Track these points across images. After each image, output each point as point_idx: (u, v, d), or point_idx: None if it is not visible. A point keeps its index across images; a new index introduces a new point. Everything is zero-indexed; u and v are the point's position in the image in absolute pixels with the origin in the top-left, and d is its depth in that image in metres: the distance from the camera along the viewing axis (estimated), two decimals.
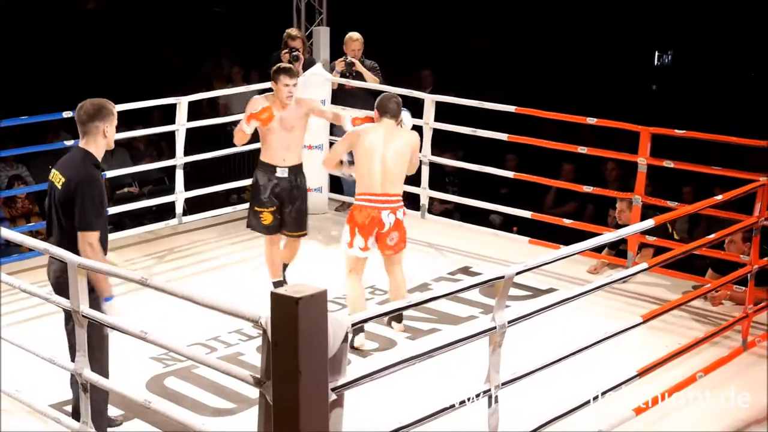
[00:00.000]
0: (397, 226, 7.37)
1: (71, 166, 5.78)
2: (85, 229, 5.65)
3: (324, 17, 11.77)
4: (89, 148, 5.81)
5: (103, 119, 5.82)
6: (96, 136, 5.82)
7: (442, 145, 10.77)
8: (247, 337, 7.41)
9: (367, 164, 7.32)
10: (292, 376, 4.07)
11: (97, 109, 5.83)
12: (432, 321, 7.71)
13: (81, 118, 5.83)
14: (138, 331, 5.22)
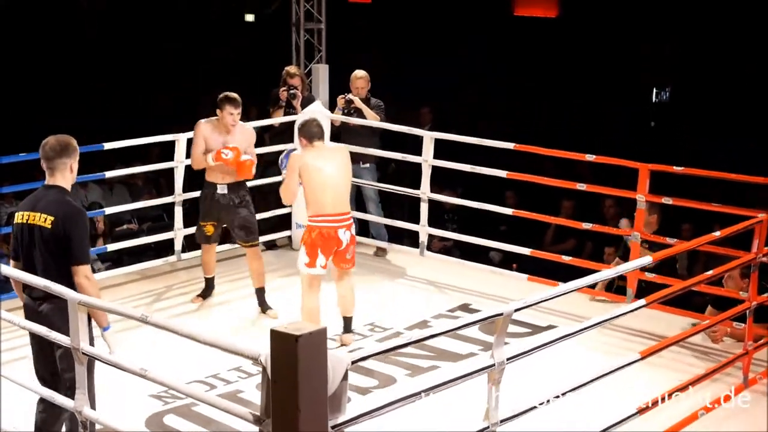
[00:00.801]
0: (352, 241, 7.85)
1: (55, 204, 5.79)
2: (82, 263, 5.73)
3: (323, 54, 11.83)
4: (61, 184, 5.88)
5: (70, 155, 5.92)
6: (64, 171, 5.89)
7: (441, 182, 10.79)
8: (246, 375, 7.40)
9: (316, 188, 7.72)
10: (292, 414, 4.07)
11: (64, 146, 5.91)
12: (431, 358, 7.70)
13: (47, 155, 5.88)
14: (138, 368, 5.22)
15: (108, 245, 10.28)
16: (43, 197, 5.88)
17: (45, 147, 5.90)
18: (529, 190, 11.11)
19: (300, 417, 4.05)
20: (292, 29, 11.98)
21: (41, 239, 5.78)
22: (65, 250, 5.73)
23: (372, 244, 10.44)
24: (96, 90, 19.82)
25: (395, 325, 8.42)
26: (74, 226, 5.74)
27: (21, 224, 5.87)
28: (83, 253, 5.75)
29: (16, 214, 5.96)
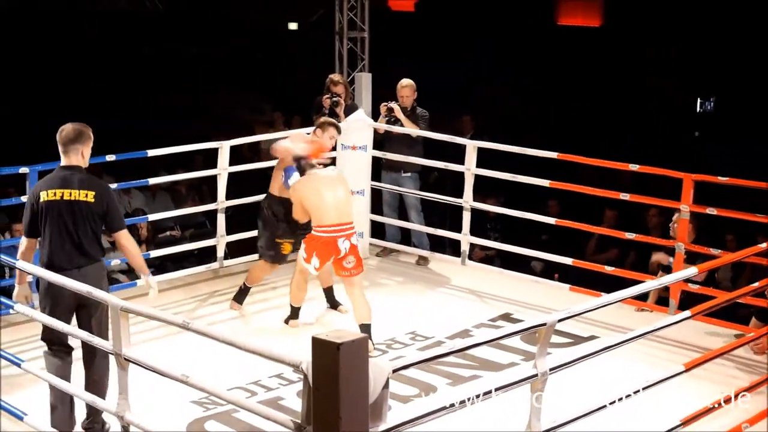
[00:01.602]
0: (352, 250, 8.04)
1: (90, 181, 6.46)
2: (122, 228, 6.52)
3: (366, 63, 11.85)
4: (79, 165, 6.50)
5: (83, 143, 6.50)
6: (77, 155, 6.48)
7: (483, 191, 10.76)
8: (287, 382, 7.40)
9: (318, 199, 8.04)
10: (333, 422, 4.07)
11: (78, 133, 6.49)
12: (473, 368, 7.67)
13: (63, 140, 6.48)
14: (179, 374, 5.23)
15: (151, 251, 10.33)
16: (71, 177, 6.43)
17: (62, 133, 6.50)
18: (571, 200, 11.06)
19: (341, 424, 4.05)
20: (336, 38, 12.00)
21: (82, 213, 6.37)
22: (106, 220, 6.44)
23: (414, 252, 10.43)
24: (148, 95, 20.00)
25: (437, 334, 8.40)
26: (111, 199, 6.48)
27: (51, 201, 6.38)
28: (122, 220, 6.54)
29: (42, 193, 6.42)
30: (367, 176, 10.30)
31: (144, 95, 20.02)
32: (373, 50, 11.91)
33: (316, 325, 8.55)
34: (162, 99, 19.77)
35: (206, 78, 20.92)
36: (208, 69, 21.56)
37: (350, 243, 8.03)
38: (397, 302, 9.26)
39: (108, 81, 20.06)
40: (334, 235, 8.00)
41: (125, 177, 12.02)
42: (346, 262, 8.04)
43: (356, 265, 8.08)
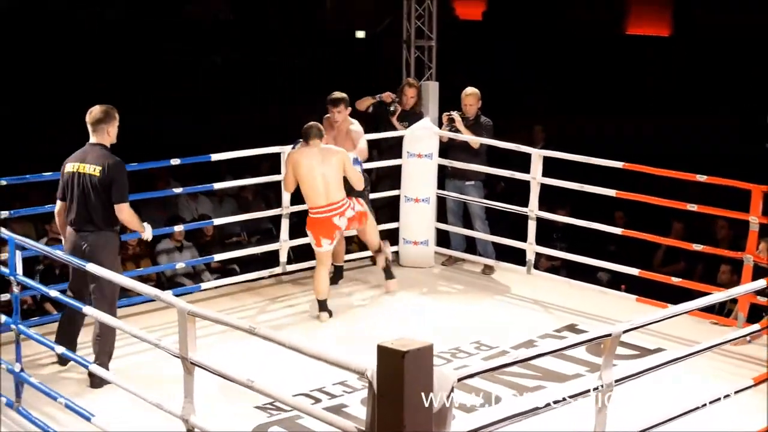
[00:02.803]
0: (350, 221, 8.79)
1: (101, 157, 7.22)
2: (123, 201, 7.21)
3: (433, 72, 11.83)
4: (103, 142, 7.30)
5: (108, 122, 7.31)
6: (103, 134, 7.29)
7: (550, 200, 10.71)
8: (351, 389, 7.41)
9: (309, 181, 8.59)
10: (397, 430, 4.07)
11: (104, 114, 7.31)
12: (537, 378, 7.62)
13: (92, 120, 7.31)
14: (245, 379, 5.26)
15: (216, 255, 10.40)
16: (90, 152, 7.28)
17: (90, 113, 7.32)
18: (638, 210, 10.97)
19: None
20: (403, 46, 12.00)
21: (91, 185, 7.19)
22: (110, 192, 7.16)
23: (479, 261, 10.40)
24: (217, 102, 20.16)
25: (501, 343, 8.37)
26: (117, 173, 7.19)
27: (72, 173, 7.28)
28: (123, 195, 7.20)
29: (67, 165, 7.33)
30: (432, 184, 10.30)
31: (213, 103, 20.19)
32: (441, 58, 11.89)
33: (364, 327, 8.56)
34: (230, 106, 19.93)
35: (274, 85, 21.05)
36: (276, 76, 21.71)
37: (346, 218, 8.73)
38: (461, 311, 9.25)
39: (179, 89, 20.27)
40: (328, 215, 8.63)
41: (192, 182, 12.15)
42: (352, 227, 8.94)
43: (361, 222, 8.93)
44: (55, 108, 18.73)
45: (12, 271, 6.85)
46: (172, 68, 21.76)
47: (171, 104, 19.22)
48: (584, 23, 20.22)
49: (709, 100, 17.04)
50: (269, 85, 21.25)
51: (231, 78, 21.69)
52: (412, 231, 10.36)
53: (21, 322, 6.95)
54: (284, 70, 22.43)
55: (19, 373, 6.84)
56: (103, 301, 7.15)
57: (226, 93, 20.72)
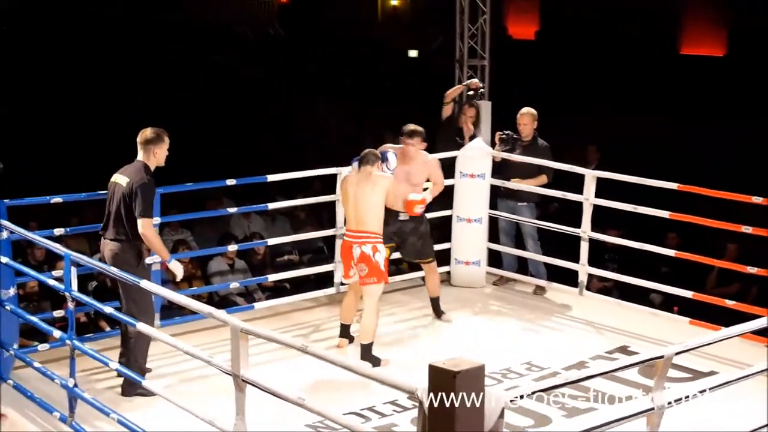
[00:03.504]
0: (363, 258, 8.29)
1: (133, 172, 7.54)
2: (143, 216, 7.39)
3: (486, 91, 11.84)
4: (145, 161, 7.59)
5: (156, 144, 7.59)
6: (149, 154, 7.59)
7: (602, 221, 10.66)
8: (402, 409, 7.40)
9: (346, 206, 8.52)
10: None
11: (153, 137, 7.59)
12: (588, 399, 7.58)
13: (141, 140, 7.61)
14: (296, 397, 5.28)
15: (269, 275, 10.46)
16: (129, 167, 7.62)
17: (141, 135, 7.62)
18: (692, 231, 10.88)
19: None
20: (456, 65, 12.03)
21: (119, 196, 7.50)
22: (132, 204, 7.40)
23: (531, 282, 10.37)
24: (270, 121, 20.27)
25: (552, 364, 8.34)
26: (141, 189, 7.40)
27: (111, 183, 7.65)
28: (144, 209, 7.39)
29: (113, 177, 7.68)
30: (485, 204, 10.29)
31: (267, 121, 20.30)
32: (493, 78, 11.90)
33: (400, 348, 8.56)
34: (284, 125, 20.03)
35: (327, 104, 21.13)
36: (329, 95, 21.78)
37: (361, 251, 8.29)
38: (512, 332, 9.23)
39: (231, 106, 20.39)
40: (350, 241, 8.39)
41: (245, 201, 12.23)
42: (359, 269, 8.32)
43: (368, 275, 8.30)
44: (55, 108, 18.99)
45: (67, 287, 6.92)
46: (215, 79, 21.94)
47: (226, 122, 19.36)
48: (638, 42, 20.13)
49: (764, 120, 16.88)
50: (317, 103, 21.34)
51: (283, 96, 21.80)
52: (463, 251, 10.35)
53: (76, 338, 7.02)
54: (333, 89, 22.51)
55: (72, 389, 6.91)
56: (133, 308, 7.38)
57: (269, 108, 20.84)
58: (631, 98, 18.42)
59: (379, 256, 8.29)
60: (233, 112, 20.17)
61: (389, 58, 24.27)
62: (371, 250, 8.27)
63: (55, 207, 9.13)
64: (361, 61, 23.97)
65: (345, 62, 24.00)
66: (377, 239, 8.32)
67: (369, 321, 8.31)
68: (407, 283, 10.21)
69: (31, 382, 7.60)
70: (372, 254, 8.27)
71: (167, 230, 11.72)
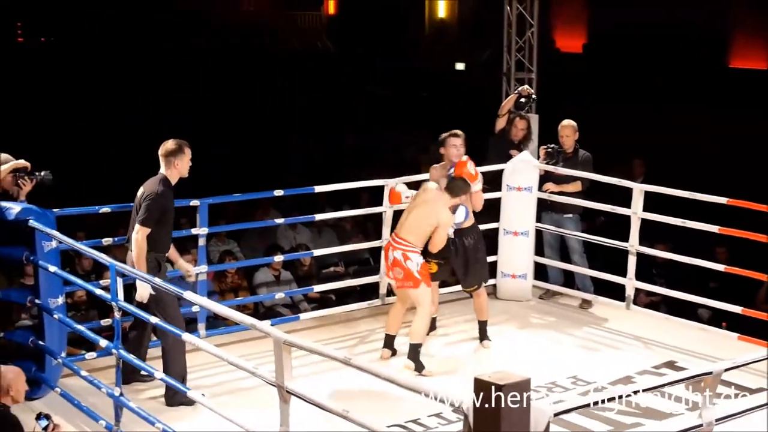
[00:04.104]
0: (396, 263, 8.40)
1: (150, 183, 7.63)
2: (140, 224, 7.51)
3: (533, 105, 11.80)
4: (165, 173, 7.66)
5: (176, 156, 7.63)
6: (170, 166, 7.65)
7: (650, 235, 10.59)
8: (446, 422, 7.37)
9: (406, 210, 8.61)
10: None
11: (174, 148, 7.64)
12: (635, 415, 7.51)
13: (162, 153, 7.66)
14: (340, 409, 5.27)
15: (314, 286, 10.47)
16: (150, 179, 7.68)
17: (162, 147, 7.66)
18: (741, 246, 10.78)
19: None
20: (503, 78, 12.00)
21: (135, 206, 7.67)
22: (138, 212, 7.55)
23: (577, 295, 10.31)
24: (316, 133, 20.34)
25: (598, 379, 8.27)
26: (149, 198, 7.50)
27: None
28: (146, 218, 7.48)
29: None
30: (531, 218, 10.24)
31: (312, 134, 20.37)
32: (540, 91, 11.87)
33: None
34: (330, 138, 20.09)
35: (374, 117, 21.18)
36: (375, 108, 21.83)
37: (393, 256, 8.39)
38: (558, 345, 9.18)
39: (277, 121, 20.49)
40: (390, 243, 8.56)
41: (293, 212, 12.26)
42: (395, 273, 8.44)
43: (403, 279, 8.41)
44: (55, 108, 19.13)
45: (114, 297, 6.95)
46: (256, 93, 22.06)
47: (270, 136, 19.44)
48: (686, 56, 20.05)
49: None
50: (367, 116, 21.38)
51: (329, 109, 21.88)
52: (510, 264, 10.31)
53: (121, 347, 7.05)
54: (378, 101, 22.56)
55: (118, 397, 6.93)
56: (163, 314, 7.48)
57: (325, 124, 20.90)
58: (679, 111, 18.29)
59: (410, 263, 8.34)
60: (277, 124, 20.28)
61: (436, 70, 24.28)
62: (402, 256, 8.35)
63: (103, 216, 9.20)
64: (408, 74, 23.98)
65: (391, 75, 24.02)
66: (413, 250, 8.36)
67: (419, 323, 8.38)
68: (454, 296, 10.16)
69: (78, 391, 7.64)
70: (403, 260, 8.35)
71: (214, 240, 11.76)
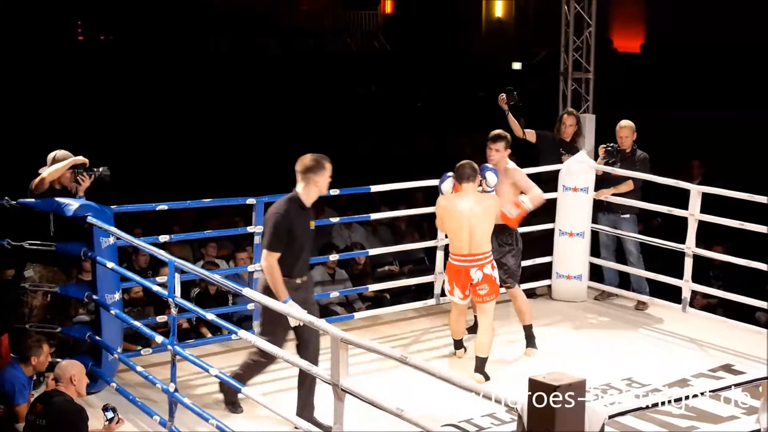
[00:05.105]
0: (485, 279, 8.14)
1: (277, 202, 7.11)
2: (266, 248, 6.97)
3: (590, 104, 11.75)
4: (300, 192, 7.04)
5: (316, 173, 7.02)
6: (308, 184, 7.03)
7: (707, 236, 10.50)
8: (500, 422, 7.36)
9: (455, 227, 8.15)
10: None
11: (313, 164, 7.02)
12: (690, 418, 7.46)
13: (300, 169, 7.04)
14: (394, 408, 5.28)
15: (369, 285, 10.48)
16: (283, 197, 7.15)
17: (300, 162, 7.05)
18: None
19: None
20: (560, 78, 11.96)
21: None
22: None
23: (632, 297, 10.25)
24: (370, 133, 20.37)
25: (653, 381, 8.22)
26: (267, 219, 7.05)
27: None
28: (269, 242, 6.94)
29: None
30: (587, 218, 10.19)
31: (366, 134, 20.39)
32: (598, 91, 11.82)
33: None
34: (383, 138, 20.12)
35: (430, 116, 21.17)
36: (432, 107, 21.82)
37: (483, 273, 8.14)
38: (613, 347, 9.12)
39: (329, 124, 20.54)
40: (466, 265, 8.14)
41: (348, 211, 12.29)
42: (480, 288, 8.18)
43: (489, 293, 8.20)
44: (112, 106, 19.28)
45: (171, 293, 7.00)
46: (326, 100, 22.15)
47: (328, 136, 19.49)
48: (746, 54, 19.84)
49: None
50: (418, 116, 21.38)
51: (383, 109, 21.90)
52: (565, 265, 10.27)
53: (177, 343, 7.10)
54: (435, 100, 22.55)
55: (173, 393, 6.98)
56: (259, 329, 7.19)
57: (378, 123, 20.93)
58: (740, 112, 18.11)
59: (496, 271, 8.28)
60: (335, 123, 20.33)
61: (492, 70, 24.22)
62: (491, 269, 8.21)
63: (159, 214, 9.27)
64: (464, 73, 23.94)
65: (447, 75, 23.99)
66: (492, 256, 8.27)
67: (485, 336, 8.26)
68: (504, 296, 10.14)
69: (134, 386, 7.72)
70: (492, 272, 8.22)
71: None
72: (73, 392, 6.64)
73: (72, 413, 6.52)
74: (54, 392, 6.66)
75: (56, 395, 6.60)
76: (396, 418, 5.28)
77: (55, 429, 6.46)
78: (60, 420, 6.48)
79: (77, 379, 6.69)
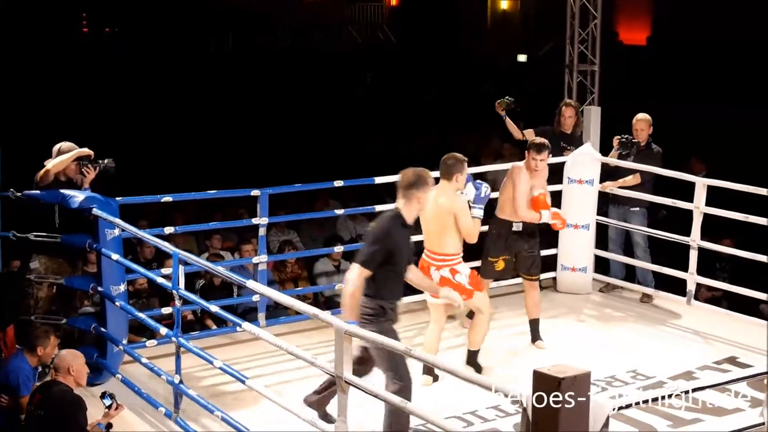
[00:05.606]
0: (443, 282, 7.68)
1: (381, 217, 6.70)
2: (359, 264, 6.49)
3: (596, 97, 11.73)
4: (402, 209, 6.62)
5: (419, 188, 6.61)
6: (410, 200, 6.61)
7: (713, 230, 10.47)
8: (504, 414, 7.36)
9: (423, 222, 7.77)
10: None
11: (416, 179, 6.62)
12: (695, 411, 7.43)
13: (401, 184, 6.66)
14: (398, 400, 5.28)
15: None
16: (386, 212, 6.77)
17: (402, 177, 6.69)
18: None
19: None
20: (565, 70, 11.95)
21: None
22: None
23: (638, 290, 10.24)
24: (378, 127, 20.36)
25: (658, 373, 8.22)
26: (370, 233, 6.66)
27: None
28: (363, 259, 6.47)
29: None
30: (592, 211, 10.18)
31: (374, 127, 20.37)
32: (604, 84, 11.80)
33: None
34: (391, 129, 20.09)
35: (435, 108, 21.14)
36: (437, 99, 21.79)
37: (440, 276, 7.76)
38: (618, 339, 9.12)
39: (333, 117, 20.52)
40: (428, 261, 7.87)
41: (351, 203, 12.27)
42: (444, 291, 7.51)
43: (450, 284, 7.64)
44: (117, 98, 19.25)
45: (175, 285, 7.00)
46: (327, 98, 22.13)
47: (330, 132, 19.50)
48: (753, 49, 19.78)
49: None
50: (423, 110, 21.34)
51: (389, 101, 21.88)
52: (570, 257, 10.26)
53: (181, 335, 7.10)
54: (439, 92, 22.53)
55: (178, 385, 6.99)
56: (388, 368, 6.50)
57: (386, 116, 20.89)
58: (745, 107, 18.08)
59: (459, 276, 7.82)
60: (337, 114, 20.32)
61: (497, 62, 24.19)
62: (449, 273, 7.81)
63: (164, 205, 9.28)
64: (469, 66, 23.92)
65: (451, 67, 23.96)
66: (455, 260, 7.87)
67: (480, 331, 8.16)
68: (510, 289, 10.12)
69: (139, 378, 7.73)
70: (451, 276, 7.79)
71: (274, 231, 11.80)
72: (71, 382, 6.65)
73: (70, 403, 6.53)
74: (53, 383, 6.67)
75: (55, 385, 6.61)
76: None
77: (53, 419, 6.47)
78: (58, 410, 6.49)
79: (75, 370, 6.69)
